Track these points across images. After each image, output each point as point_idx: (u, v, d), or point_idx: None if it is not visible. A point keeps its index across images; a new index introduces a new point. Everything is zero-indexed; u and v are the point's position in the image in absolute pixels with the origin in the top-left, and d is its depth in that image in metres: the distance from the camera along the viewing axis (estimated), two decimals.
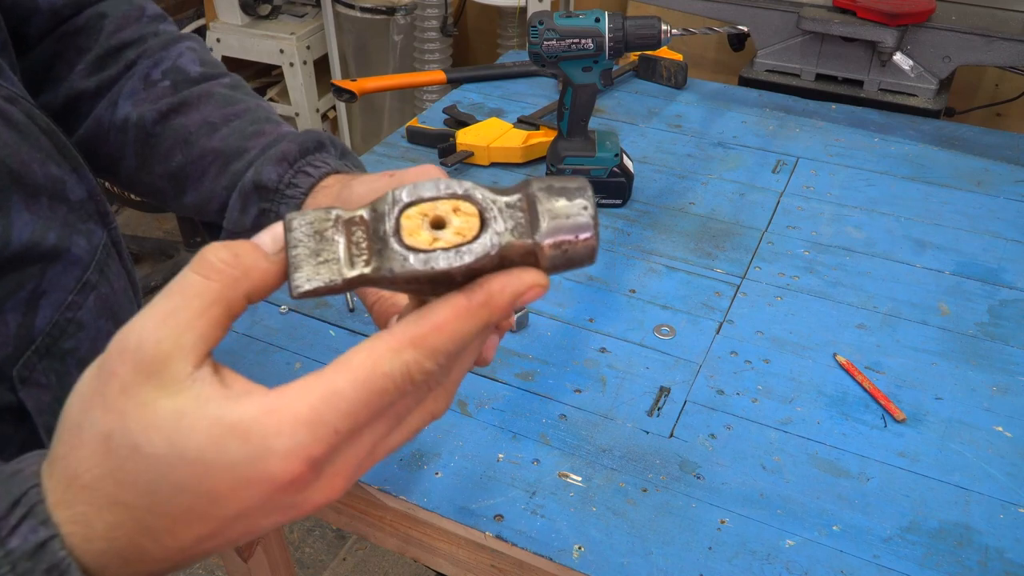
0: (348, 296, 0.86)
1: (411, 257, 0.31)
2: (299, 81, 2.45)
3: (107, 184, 1.96)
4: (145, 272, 2.28)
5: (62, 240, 0.47)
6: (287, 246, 0.32)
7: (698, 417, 0.73)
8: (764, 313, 0.85)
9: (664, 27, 0.91)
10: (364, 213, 0.33)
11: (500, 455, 0.69)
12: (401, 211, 0.31)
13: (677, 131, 1.20)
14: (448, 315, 0.30)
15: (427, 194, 0.32)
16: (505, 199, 0.33)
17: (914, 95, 1.33)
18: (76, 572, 0.29)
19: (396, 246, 0.31)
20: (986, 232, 0.98)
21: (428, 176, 0.44)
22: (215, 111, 0.60)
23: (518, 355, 0.80)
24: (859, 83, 1.36)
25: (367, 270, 0.31)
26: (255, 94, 0.65)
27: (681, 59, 1.33)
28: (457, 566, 0.68)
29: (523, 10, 2.20)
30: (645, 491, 0.66)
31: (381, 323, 0.44)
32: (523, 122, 1.15)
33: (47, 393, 0.47)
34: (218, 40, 2.46)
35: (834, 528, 0.64)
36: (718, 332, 0.83)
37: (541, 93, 1.31)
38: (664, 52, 1.34)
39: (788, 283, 0.90)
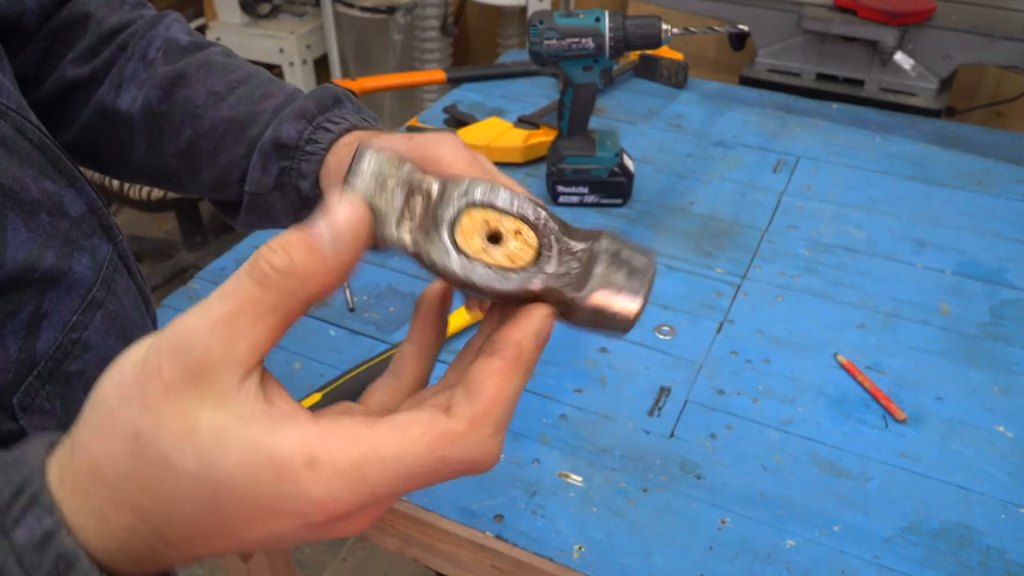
0: (348, 296, 0.86)
1: (453, 257, 0.30)
2: (299, 80, 2.45)
3: (106, 183, 1.96)
4: (145, 272, 2.28)
5: (62, 259, 0.46)
6: (348, 174, 0.31)
7: (698, 417, 0.73)
8: (765, 313, 0.85)
9: (664, 26, 0.91)
10: (434, 186, 0.32)
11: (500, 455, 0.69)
12: (466, 206, 0.31)
13: (677, 130, 1.20)
14: (498, 385, 0.30)
15: (500, 204, 0.31)
16: (571, 243, 0.32)
17: (915, 94, 1.33)
18: (85, 561, 0.28)
19: (446, 239, 0.30)
20: (987, 232, 0.98)
21: (447, 143, 0.43)
22: (217, 80, 0.59)
23: None
24: (860, 83, 1.36)
25: (407, 240, 0.31)
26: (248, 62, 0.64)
27: (681, 58, 1.33)
28: (457, 566, 0.68)
29: (523, 10, 2.20)
30: (645, 491, 0.66)
31: None
32: (523, 121, 1.15)
33: (50, 420, 0.46)
34: (218, 39, 2.45)
35: (835, 528, 0.63)
36: (718, 332, 0.83)
37: (541, 93, 1.30)
38: (664, 51, 1.34)
39: (789, 283, 0.89)
